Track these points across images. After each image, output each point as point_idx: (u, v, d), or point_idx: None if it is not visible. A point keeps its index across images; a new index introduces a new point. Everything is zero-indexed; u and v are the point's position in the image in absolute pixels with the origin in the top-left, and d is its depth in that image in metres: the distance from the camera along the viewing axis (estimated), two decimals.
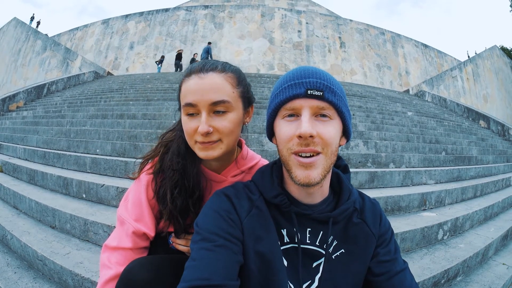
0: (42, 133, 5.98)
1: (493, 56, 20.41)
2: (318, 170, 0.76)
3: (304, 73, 0.79)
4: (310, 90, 0.76)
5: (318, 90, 0.76)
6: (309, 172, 0.76)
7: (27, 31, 18.66)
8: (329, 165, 0.79)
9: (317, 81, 0.77)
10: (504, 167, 6.44)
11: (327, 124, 0.77)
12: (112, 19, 21.40)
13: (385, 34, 21.35)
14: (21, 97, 11.80)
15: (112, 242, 1.01)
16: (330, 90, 0.77)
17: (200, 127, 0.89)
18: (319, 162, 0.77)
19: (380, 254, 0.88)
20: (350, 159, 4.03)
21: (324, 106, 0.77)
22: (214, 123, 0.91)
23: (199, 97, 0.90)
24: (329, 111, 0.78)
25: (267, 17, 20.33)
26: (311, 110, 0.76)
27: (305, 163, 0.76)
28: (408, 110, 10.05)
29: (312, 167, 0.76)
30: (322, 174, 0.77)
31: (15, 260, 2.17)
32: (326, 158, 0.77)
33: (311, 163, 0.76)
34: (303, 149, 0.76)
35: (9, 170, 4.18)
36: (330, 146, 0.77)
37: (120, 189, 2.71)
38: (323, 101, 0.77)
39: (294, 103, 0.78)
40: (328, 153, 0.77)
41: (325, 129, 0.76)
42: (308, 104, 0.76)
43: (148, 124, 5.46)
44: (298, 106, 0.77)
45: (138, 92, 10.13)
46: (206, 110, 0.90)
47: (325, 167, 0.78)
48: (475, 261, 2.36)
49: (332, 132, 0.77)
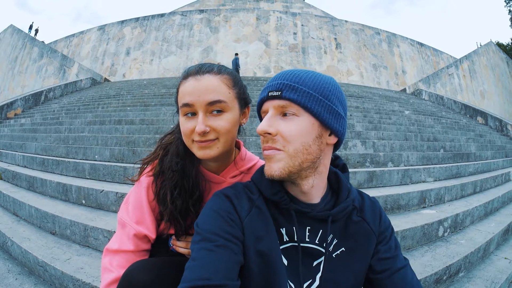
0: (41, 140, 5.97)
1: (489, 52, 20.54)
2: (278, 164, 0.79)
3: (274, 77, 0.85)
4: (270, 92, 0.82)
5: (276, 90, 0.80)
6: (270, 164, 0.81)
7: (23, 38, 18.71)
8: (297, 163, 0.79)
9: (277, 82, 0.81)
10: (503, 162, 6.47)
11: (289, 122, 0.79)
12: (108, 25, 21.43)
13: (381, 34, 21.44)
14: (19, 105, 11.80)
15: (113, 245, 1.01)
16: (290, 88, 0.79)
17: (197, 127, 0.90)
18: (280, 157, 0.79)
19: (381, 252, 0.88)
20: (348, 159, 4.03)
21: (284, 104, 0.79)
22: (211, 122, 0.92)
23: (195, 97, 0.92)
24: (292, 109, 0.79)
25: (262, 20, 20.41)
26: (275, 110, 0.81)
27: (266, 156, 0.82)
28: (405, 109, 10.09)
29: (271, 160, 0.80)
30: (284, 169, 0.79)
31: (16, 267, 2.17)
32: (288, 155, 0.79)
33: (269, 156, 0.81)
34: (263, 146, 0.82)
35: (9, 177, 4.18)
36: (291, 143, 0.78)
37: (120, 194, 2.70)
38: (281, 99, 0.80)
39: (264, 106, 0.85)
40: (290, 150, 0.78)
41: (286, 127, 0.78)
42: (271, 104, 0.82)
43: (146, 130, 5.46)
44: (266, 109, 0.83)
45: (136, 97, 10.15)
46: (202, 110, 0.92)
47: (290, 164, 0.79)
48: (477, 257, 2.36)
49: (293, 129, 0.78)
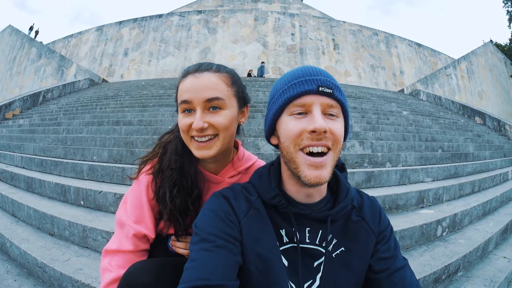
0: (39, 141, 5.96)
1: (487, 52, 20.60)
2: (328, 169, 0.77)
3: (313, 71, 0.80)
4: (322, 87, 0.77)
5: (328, 87, 0.78)
6: (320, 172, 0.76)
7: (22, 38, 18.64)
8: (335, 162, 0.80)
9: (327, 79, 0.79)
10: (501, 162, 6.49)
11: (336, 122, 0.79)
12: (106, 26, 21.39)
13: (379, 34, 21.48)
14: (17, 105, 11.77)
15: (112, 245, 1.01)
16: (338, 89, 0.80)
17: (195, 123, 0.91)
18: (329, 161, 0.77)
19: (380, 251, 0.88)
20: (347, 159, 4.03)
21: (333, 104, 0.79)
22: (209, 119, 0.93)
23: (194, 94, 0.92)
24: (337, 110, 0.79)
25: (260, 21, 20.41)
26: (321, 107, 0.77)
27: (316, 163, 0.76)
28: (403, 109, 10.11)
29: (323, 167, 0.76)
30: (330, 172, 0.78)
31: (14, 268, 2.16)
32: (334, 155, 0.79)
33: (322, 163, 0.76)
34: (314, 143, 0.75)
35: (7, 178, 4.16)
36: (339, 143, 0.79)
37: (118, 195, 2.70)
38: (332, 99, 0.78)
39: (305, 99, 0.78)
40: (337, 150, 0.79)
41: (335, 126, 0.78)
42: (319, 100, 0.77)
43: (144, 130, 5.45)
44: (309, 102, 0.77)
45: (134, 98, 10.14)
46: (200, 107, 0.93)
47: (333, 165, 0.79)
48: (476, 256, 2.37)
49: (340, 129, 0.79)
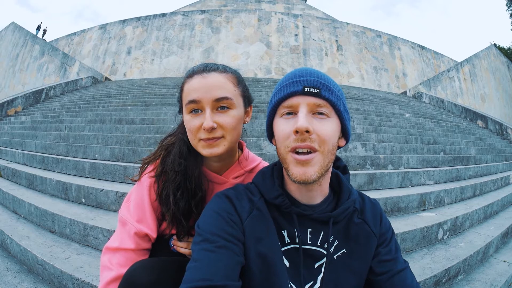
0: (41, 138, 5.98)
1: (489, 55, 20.51)
2: (315, 168, 0.77)
3: (302, 72, 0.81)
4: (307, 88, 0.78)
5: (315, 87, 0.78)
6: (306, 169, 0.76)
7: (25, 36, 18.67)
8: (326, 163, 0.79)
9: (314, 79, 0.79)
10: (503, 166, 6.47)
11: (324, 122, 0.78)
12: (109, 24, 21.39)
13: (382, 36, 21.42)
14: (19, 102, 11.79)
15: (113, 243, 1.01)
16: (327, 88, 0.79)
17: (205, 123, 0.90)
18: (316, 160, 0.77)
19: (381, 254, 0.88)
20: (349, 161, 4.03)
21: (321, 103, 0.78)
22: (218, 119, 0.93)
23: (203, 93, 0.92)
24: (326, 109, 0.79)
25: (264, 21, 20.38)
26: (308, 107, 0.78)
27: (301, 160, 0.76)
28: (405, 111, 10.08)
29: (309, 164, 0.76)
30: (319, 172, 0.77)
31: (14, 265, 2.16)
32: (323, 156, 0.77)
33: (307, 160, 0.76)
34: (299, 145, 0.76)
35: (8, 175, 4.17)
36: (326, 144, 0.77)
37: (120, 193, 2.70)
38: (319, 98, 0.78)
39: (292, 101, 0.79)
40: (325, 151, 0.77)
41: (322, 127, 0.77)
42: (305, 101, 0.78)
43: (147, 129, 5.46)
44: (295, 103, 0.78)
45: (136, 97, 10.14)
46: (210, 106, 0.92)
47: (322, 165, 0.78)
48: (476, 260, 2.36)
49: (328, 130, 0.78)
